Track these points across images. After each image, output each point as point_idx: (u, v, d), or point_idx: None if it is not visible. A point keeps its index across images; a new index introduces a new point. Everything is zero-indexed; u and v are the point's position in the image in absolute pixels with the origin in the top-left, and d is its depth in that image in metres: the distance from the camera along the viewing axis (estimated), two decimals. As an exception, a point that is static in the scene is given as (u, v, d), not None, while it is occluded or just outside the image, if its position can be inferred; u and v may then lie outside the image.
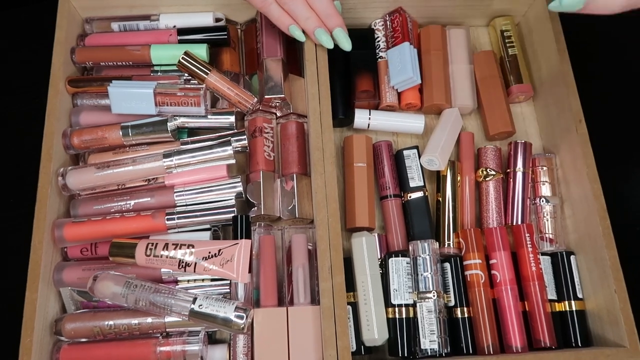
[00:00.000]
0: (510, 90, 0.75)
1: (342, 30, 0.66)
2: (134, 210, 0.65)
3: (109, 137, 0.66)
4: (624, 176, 0.77)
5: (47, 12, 0.71)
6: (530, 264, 0.65)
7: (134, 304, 0.59)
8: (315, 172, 0.63)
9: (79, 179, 0.64)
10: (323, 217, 0.61)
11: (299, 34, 0.66)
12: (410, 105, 0.74)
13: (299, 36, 0.66)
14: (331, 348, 0.56)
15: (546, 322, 0.63)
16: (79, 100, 0.70)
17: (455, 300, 0.64)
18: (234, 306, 0.58)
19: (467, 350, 0.63)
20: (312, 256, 0.64)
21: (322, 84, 0.67)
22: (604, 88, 0.81)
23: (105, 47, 0.72)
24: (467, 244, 0.66)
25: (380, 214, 0.70)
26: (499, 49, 0.77)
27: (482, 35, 0.81)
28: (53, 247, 0.63)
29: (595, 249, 0.63)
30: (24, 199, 0.66)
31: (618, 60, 0.84)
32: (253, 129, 0.70)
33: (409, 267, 0.64)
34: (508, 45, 0.76)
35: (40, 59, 0.70)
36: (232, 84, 0.68)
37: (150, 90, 0.64)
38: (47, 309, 0.60)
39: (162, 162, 0.64)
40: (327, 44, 0.66)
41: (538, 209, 0.69)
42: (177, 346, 0.59)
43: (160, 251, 0.60)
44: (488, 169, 0.70)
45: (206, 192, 0.65)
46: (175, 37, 0.72)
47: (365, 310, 0.62)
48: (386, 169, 0.70)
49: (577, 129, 0.67)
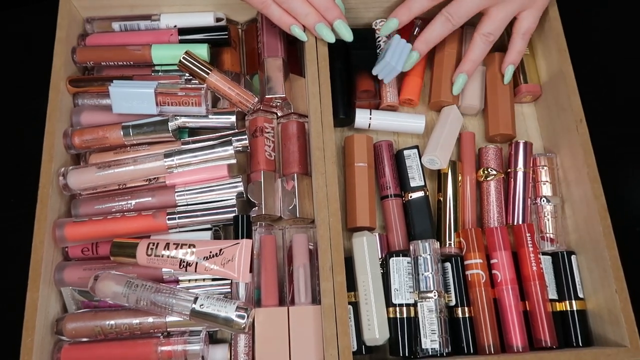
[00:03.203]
0: (519, 89, 0.75)
1: (342, 22, 0.66)
2: (135, 210, 0.65)
3: (110, 137, 0.66)
4: (624, 176, 0.77)
5: (48, 12, 0.71)
6: (531, 263, 0.65)
7: (135, 304, 0.59)
8: (316, 171, 0.63)
9: (80, 178, 0.64)
10: (324, 217, 0.61)
11: (300, 34, 0.66)
12: (407, 101, 0.74)
13: (300, 36, 0.66)
14: (332, 348, 0.56)
15: (547, 321, 0.63)
16: (80, 100, 0.70)
17: (456, 299, 0.64)
18: (235, 306, 0.58)
19: (468, 349, 0.63)
20: (313, 256, 0.64)
21: (323, 84, 0.67)
22: (604, 88, 0.81)
23: (106, 47, 0.72)
24: (468, 243, 0.66)
25: (380, 214, 0.71)
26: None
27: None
28: (54, 247, 0.63)
29: (596, 248, 0.63)
30: (25, 198, 0.66)
31: (618, 60, 0.84)
32: (254, 129, 0.70)
33: (409, 266, 0.64)
34: None
35: (41, 58, 0.70)
36: (233, 84, 0.68)
37: (151, 90, 0.64)
38: (48, 309, 0.60)
39: (163, 161, 0.64)
40: (328, 38, 0.66)
41: (539, 209, 0.69)
42: (178, 346, 0.59)
43: (161, 251, 0.60)
44: (489, 168, 0.70)
45: (207, 192, 0.65)
46: (176, 37, 0.72)
47: (366, 310, 0.62)
48: (387, 168, 0.70)
49: (577, 128, 0.67)
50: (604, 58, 0.84)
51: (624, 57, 0.84)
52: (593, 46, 0.84)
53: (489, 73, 0.75)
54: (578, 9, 0.67)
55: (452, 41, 0.75)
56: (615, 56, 0.84)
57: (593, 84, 0.73)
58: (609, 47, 0.85)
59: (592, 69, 0.78)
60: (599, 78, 0.81)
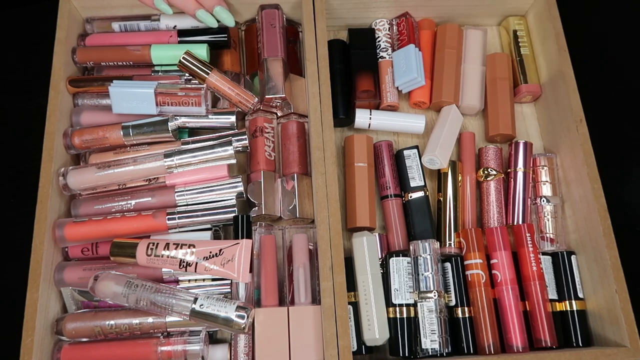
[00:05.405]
0: (519, 89, 0.75)
1: (222, 8, 0.69)
2: (134, 210, 0.65)
3: (109, 137, 0.66)
4: (624, 176, 0.77)
5: (48, 12, 0.71)
6: (531, 263, 0.65)
7: (135, 304, 0.59)
8: (316, 171, 0.63)
9: (80, 178, 0.64)
10: (324, 217, 0.61)
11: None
12: (420, 103, 0.74)
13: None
14: (332, 348, 0.56)
15: (547, 321, 0.63)
16: (80, 100, 0.70)
17: (456, 299, 0.64)
18: (235, 306, 0.58)
19: (468, 350, 0.63)
20: (313, 256, 0.64)
21: (323, 84, 0.67)
22: (604, 88, 0.81)
23: (106, 47, 0.72)
24: (468, 243, 0.66)
25: (380, 214, 0.71)
26: (509, 49, 0.77)
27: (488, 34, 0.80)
28: (54, 247, 0.63)
29: (596, 248, 0.63)
30: (25, 199, 0.66)
31: (618, 60, 0.84)
32: (254, 129, 0.70)
33: (409, 266, 0.64)
34: (520, 45, 0.76)
35: (41, 59, 0.70)
36: (233, 84, 0.68)
37: (151, 90, 0.64)
38: (48, 309, 0.60)
39: (163, 161, 0.64)
40: (211, 24, 0.69)
41: (539, 209, 0.69)
42: (178, 346, 0.59)
43: (161, 251, 0.60)
44: (489, 168, 0.70)
45: (207, 192, 0.65)
46: (175, 38, 0.72)
47: (366, 310, 0.62)
48: (387, 168, 0.70)
49: (577, 128, 0.67)
50: (604, 58, 0.84)
51: (624, 57, 0.84)
52: (593, 46, 0.84)
53: (488, 73, 0.75)
54: (578, 9, 0.67)
55: (452, 41, 0.75)
56: (616, 56, 0.84)
57: (593, 84, 0.73)
58: (609, 47, 0.85)
59: (592, 69, 0.78)
60: (599, 78, 0.81)
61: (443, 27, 0.76)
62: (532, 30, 0.77)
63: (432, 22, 0.78)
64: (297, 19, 0.76)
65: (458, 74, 0.74)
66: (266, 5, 0.73)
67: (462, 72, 0.75)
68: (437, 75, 0.74)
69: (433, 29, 0.78)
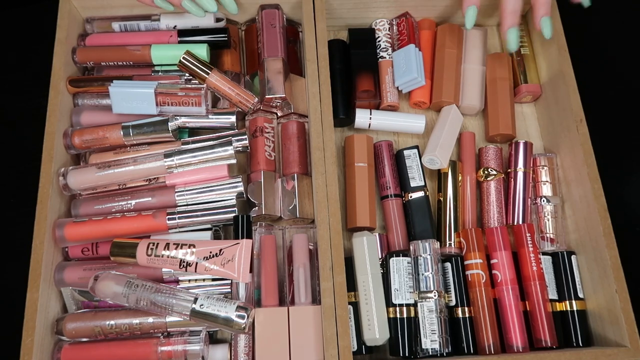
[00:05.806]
0: (519, 89, 0.75)
1: None
2: (135, 210, 0.65)
3: (110, 137, 0.66)
4: (624, 176, 0.77)
5: (48, 12, 0.71)
6: (531, 263, 0.65)
7: (135, 304, 0.59)
8: (316, 171, 0.63)
9: (80, 178, 0.64)
10: (324, 217, 0.61)
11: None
12: (420, 103, 0.74)
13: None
14: (332, 348, 0.56)
15: (547, 321, 0.63)
16: (80, 100, 0.70)
17: (456, 300, 0.64)
18: (235, 306, 0.58)
19: (468, 350, 0.63)
20: (313, 256, 0.64)
21: (323, 84, 0.67)
22: (604, 88, 0.81)
23: (106, 47, 0.72)
24: (468, 243, 0.66)
25: (381, 214, 0.71)
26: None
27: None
28: (54, 247, 0.63)
29: (596, 248, 0.63)
30: (25, 199, 0.66)
31: (618, 60, 0.84)
32: (254, 129, 0.70)
33: (410, 266, 0.64)
34: (520, 45, 0.76)
35: (41, 59, 0.70)
36: (233, 84, 0.68)
37: (151, 90, 0.64)
38: (48, 309, 0.60)
39: (163, 162, 0.64)
40: (196, 13, 0.67)
41: (539, 209, 0.69)
42: (178, 346, 0.59)
43: (162, 251, 0.60)
44: (489, 168, 0.70)
45: (207, 192, 0.65)
46: (175, 38, 0.72)
47: (367, 310, 0.62)
48: (387, 168, 0.70)
49: (577, 128, 0.67)
50: (604, 58, 0.84)
51: (624, 57, 0.84)
52: (593, 46, 0.84)
53: (489, 73, 0.75)
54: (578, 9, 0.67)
55: (452, 41, 0.75)
56: (616, 56, 0.84)
57: (593, 84, 0.73)
58: (609, 47, 0.85)
59: (591, 69, 0.78)
60: (599, 78, 0.81)
61: (443, 27, 0.76)
62: (532, 30, 0.77)
63: (432, 22, 0.78)
64: (297, 19, 0.76)
65: (458, 74, 0.74)
66: (266, 5, 0.74)
67: (462, 72, 0.75)
68: (437, 75, 0.74)
69: (433, 29, 0.78)
